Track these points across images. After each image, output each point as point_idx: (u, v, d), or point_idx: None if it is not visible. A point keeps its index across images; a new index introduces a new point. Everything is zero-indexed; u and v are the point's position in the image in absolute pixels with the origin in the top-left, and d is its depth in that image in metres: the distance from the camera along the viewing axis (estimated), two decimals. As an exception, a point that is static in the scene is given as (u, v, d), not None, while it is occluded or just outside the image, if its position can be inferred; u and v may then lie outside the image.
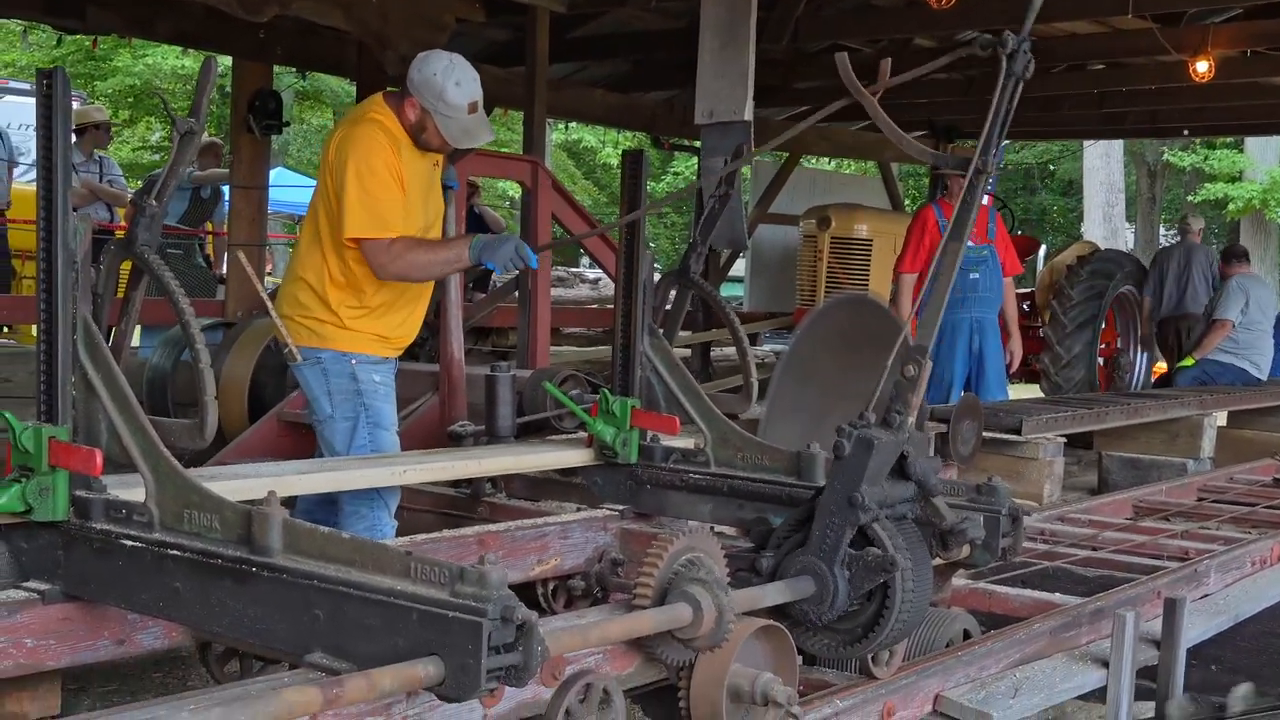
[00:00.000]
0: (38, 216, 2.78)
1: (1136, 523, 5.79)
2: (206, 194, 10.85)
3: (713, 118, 5.95)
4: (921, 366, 2.95)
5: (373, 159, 4.24)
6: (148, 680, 4.18)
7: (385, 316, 4.45)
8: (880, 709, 3.09)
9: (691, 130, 10.72)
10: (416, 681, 2.12)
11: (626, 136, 26.64)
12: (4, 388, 7.74)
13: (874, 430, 2.89)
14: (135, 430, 2.80)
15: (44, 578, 2.82)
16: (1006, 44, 3.08)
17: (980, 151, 3.10)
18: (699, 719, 2.68)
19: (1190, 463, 7.92)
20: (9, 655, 2.68)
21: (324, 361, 4.36)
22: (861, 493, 2.84)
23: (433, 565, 2.24)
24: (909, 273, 8.19)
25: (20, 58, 22.38)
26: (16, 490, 2.73)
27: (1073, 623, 3.80)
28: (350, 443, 4.37)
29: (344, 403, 4.37)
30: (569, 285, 14.49)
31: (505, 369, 4.78)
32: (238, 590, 2.49)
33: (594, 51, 10.96)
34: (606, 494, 4.12)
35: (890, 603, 2.89)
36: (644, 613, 2.60)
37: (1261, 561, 4.86)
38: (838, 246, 10.82)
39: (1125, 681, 3.40)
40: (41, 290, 2.78)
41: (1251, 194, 22.85)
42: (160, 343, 7.52)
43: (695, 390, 4.10)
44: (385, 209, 4.25)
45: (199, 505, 2.67)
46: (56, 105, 2.74)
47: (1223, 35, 9.29)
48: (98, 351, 2.83)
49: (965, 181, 3.13)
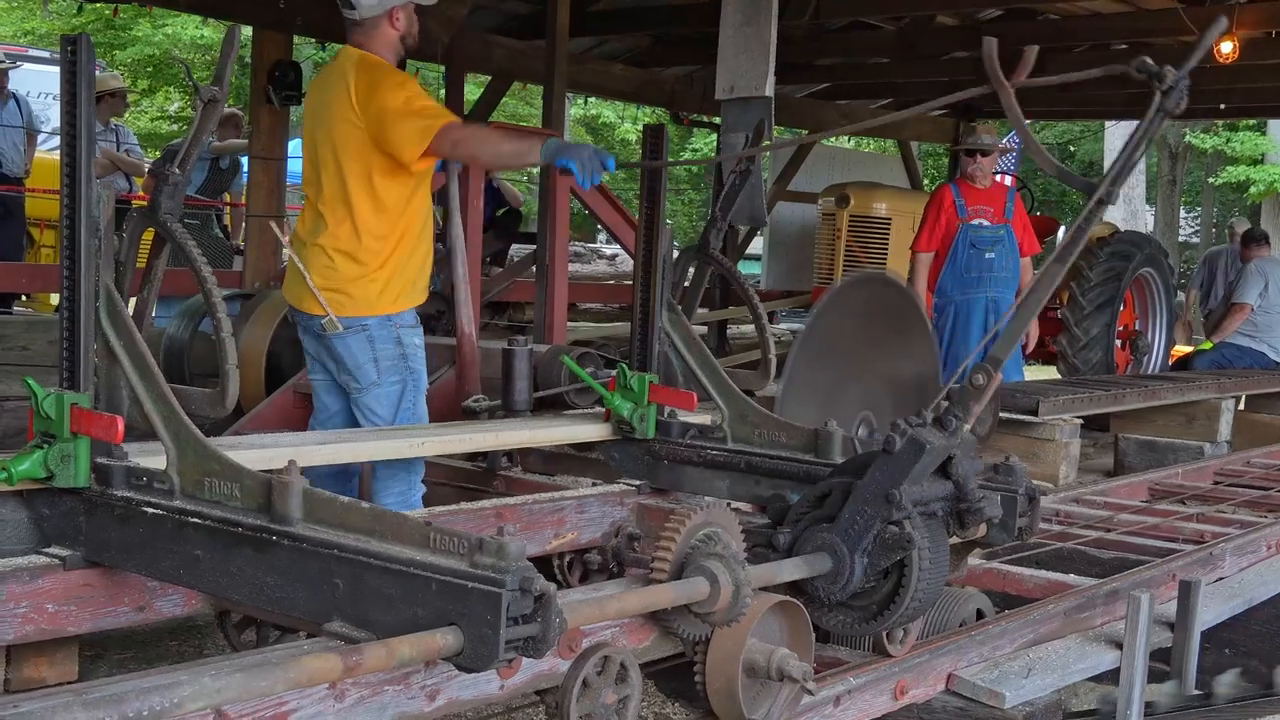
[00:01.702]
0: (61, 184, 2.77)
1: (1152, 505, 5.77)
2: (225, 165, 10.86)
3: (733, 93, 5.94)
4: (992, 377, 2.92)
5: (391, 75, 4.35)
6: (164, 648, 4.20)
7: (414, 254, 4.49)
8: (893, 687, 3.09)
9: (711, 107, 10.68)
10: (435, 651, 2.13)
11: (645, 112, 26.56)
12: (21, 355, 7.76)
13: (928, 432, 2.87)
14: (157, 398, 2.81)
15: (65, 544, 2.83)
16: (1165, 79, 2.98)
17: (1110, 180, 3.02)
18: (714, 693, 2.69)
19: (1207, 446, 7.89)
20: (31, 620, 2.71)
21: (370, 329, 4.38)
22: (900, 492, 2.84)
23: (452, 536, 2.25)
24: (925, 251, 8.16)
25: (40, 25, 22.40)
26: (39, 456, 2.75)
27: (1087, 604, 3.80)
28: (398, 408, 4.42)
29: (391, 369, 4.43)
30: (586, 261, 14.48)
31: (522, 343, 4.79)
32: (258, 559, 2.50)
33: (614, 26, 10.92)
34: (623, 469, 4.13)
35: (906, 581, 2.88)
36: (661, 586, 2.60)
37: (1277, 545, 4.85)
38: (856, 225, 10.78)
39: (1139, 663, 3.40)
40: (65, 258, 2.78)
41: (1274, 177, 22.73)
42: (178, 313, 7.53)
43: (713, 366, 4.10)
44: (432, 105, 4.36)
45: (220, 474, 2.68)
46: (81, 72, 2.75)
47: (1248, 16, 9.22)
48: (120, 319, 2.83)
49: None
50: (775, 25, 5.84)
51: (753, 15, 5.84)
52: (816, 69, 12.29)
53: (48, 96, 13.25)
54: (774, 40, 5.84)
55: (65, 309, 2.79)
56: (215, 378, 6.95)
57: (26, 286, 10.09)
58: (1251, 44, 9.60)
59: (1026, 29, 10.66)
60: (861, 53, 11.80)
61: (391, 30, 4.44)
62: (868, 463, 2.95)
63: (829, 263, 10.81)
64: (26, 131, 10.25)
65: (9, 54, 10.87)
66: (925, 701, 3.21)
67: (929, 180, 19.59)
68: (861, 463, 3.00)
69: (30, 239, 11.20)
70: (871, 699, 3.06)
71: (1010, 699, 3.20)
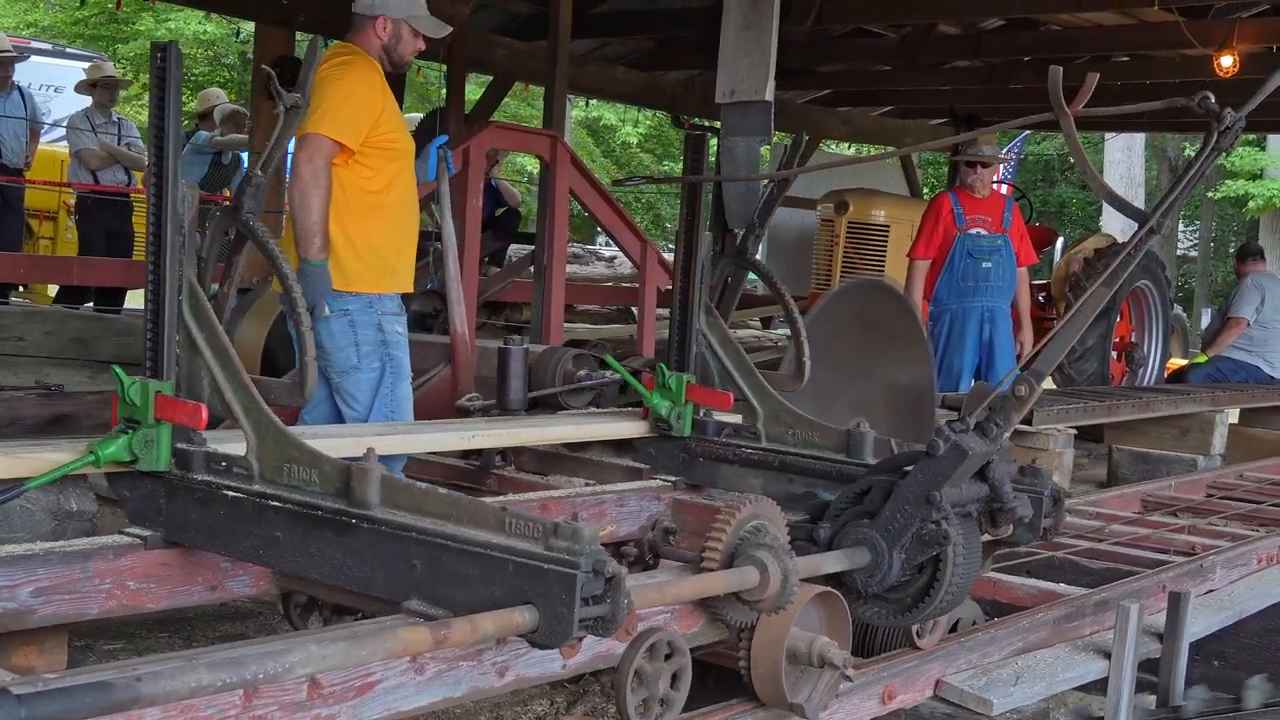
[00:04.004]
0: (147, 183, 2.89)
1: (1144, 517, 5.79)
2: (227, 160, 10.86)
3: (733, 97, 5.94)
4: (1034, 389, 3.04)
5: (351, 74, 4.37)
6: (154, 640, 4.20)
7: (391, 238, 4.51)
8: (881, 691, 3.10)
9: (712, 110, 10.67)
10: (514, 628, 2.25)
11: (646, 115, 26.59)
12: (17, 346, 7.76)
13: (970, 438, 3.00)
14: (238, 387, 2.93)
15: (145, 524, 2.97)
16: (1224, 119, 3.09)
17: (1159, 211, 3.15)
18: (759, 678, 2.80)
19: (1200, 459, 7.90)
20: (114, 596, 2.86)
21: (351, 313, 4.41)
22: (941, 494, 2.98)
23: (527, 520, 2.37)
24: (922, 259, 8.17)
25: (43, 18, 22.40)
26: (124, 441, 2.88)
27: (1076, 613, 3.81)
28: (375, 394, 4.44)
29: (371, 354, 4.45)
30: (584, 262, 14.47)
31: (517, 343, 4.79)
32: (337, 540, 2.62)
33: (617, 28, 10.93)
34: (660, 465, 4.25)
35: (941, 575, 3.03)
36: (714, 574, 2.72)
37: (1268, 559, 4.86)
38: (854, 231, 10.78)
39: (1127, 673, 3.41)
40: (151, 254, 2.90)
41: (1272, 192, 22.73)
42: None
43: (749, 367, 4.21)
44: (354, 120, 4.34)
45: (299, 460, 2.80)
46: (169, 78, 2.85)
47: (1248, 30, 9.23)
48: (201, 312, 2.95)
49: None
50: (776, 30, 5.84)
51: (754, 20, 5.84)
52: (818, 75, 12.30)
53: (50, 89, 13.25)
54: (775, 45, 5.84)
55: (150, 302, 2.91)
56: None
57: (25, 277, 10.09)
58: (1252, 58, 9.60)
59: (1028, 39, 10.68)
60: (863, 60, 11.81)
61: (374, 37, 4.51)
62: (905, 462, 3.11)
63: (827, 269, 10.80)
64: (29, 124, 10.25)
65: (16, 46, 10.88)
66: (913, 707, 3.23)
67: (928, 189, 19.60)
68: (899, 462, 3.15)
69: (29, 230, 11.20)
70: (859, 703, 3.07)
71: (998, 706, 3.21)
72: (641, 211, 29.43)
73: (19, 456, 2.91)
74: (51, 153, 11.92)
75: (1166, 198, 3.18)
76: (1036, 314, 9.80)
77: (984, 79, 11.78)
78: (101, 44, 21.35)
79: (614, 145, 29.41)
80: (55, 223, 12.29)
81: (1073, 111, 3.21)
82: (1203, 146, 3.13)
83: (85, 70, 11.19)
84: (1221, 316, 10.86)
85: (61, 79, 13.18)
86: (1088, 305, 3.16)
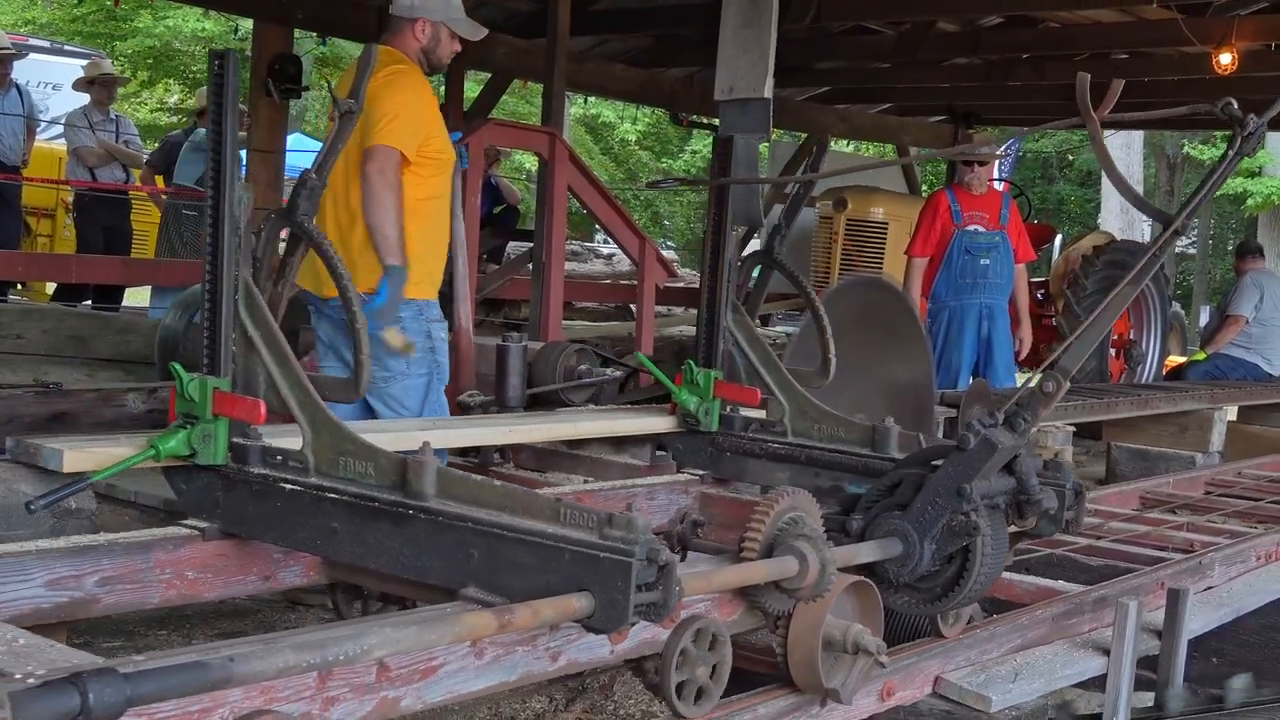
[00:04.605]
0: (207, 186, 2.94)
1: (1143, 514, 5.78)
2: (225, 156, 10.86)
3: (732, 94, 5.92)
4: (1060, 385, 3.15)
5: (408, 86, 4.42)
6: (154, 637, 4.20)
7: (434, 247, 4.59)
8: (880, 688, 3.10)
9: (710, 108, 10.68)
10: (572, 613, 2.34)
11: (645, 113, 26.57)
12: (15, 345, 7.75)
13: (999, 433, 3.11)
14: (294, 384, 3.00)
15: (202, 516, 3.05)
16: (1247, 125, 3.19)
17: (1184, 213, 3.26)
18: (795, 664, 2.88)
19: (1199, 456, 7.90)
20: (174, 586, 2.96)
21: (404, 320, 4.42)
22: (972, 487, 3.07)
23: (581, 511, 2.46)
24: (920, 256, 8.18)
25: (41, 15, 22.38)
26: (183, 436, 2.97)
27: (1075, 610, 3.81)
28: (424, 400, 4.49)
29: (420, 360, 4.49)
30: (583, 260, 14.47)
31: (516, 340, 4.79)
32: (394, 530, 2.71)
33: (615, 25, 10.92)
34: (687, 460, 4.34)
35: (970, 565, 3.11)
36: (756, 563, 2.79)
37: (1266, 556, 4.86)
38: (853, 229, 10.79)
39: (1126, 670, 3.41)
40: (208, 254, 2.96)
41: (1271, 189, 22.73)
42: (173, 304, 7.52)
43: (775, 364, 4.28)
44: (413, 132, 4.41)
45: (354, 453, 2.88)
46: (228, 84, 2.92)
47: (1247, 28, 9.23)
48: (257, 311, 3.02)
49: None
50: (775, 27, 5.83)
51: (753, 17, 5.83)
52: (817, 72, 12.29)
53: (47, 86, 13.24)
54: (774, 42, 5.83)
55: (207, 301, 2.98)
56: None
57: (23, 275, 10.08)
58: (1251, 56, 9.61)
59: (1026, 36, 10.67)
60: (862, 57, 11.81)
61: (413, 40, 4.54)
62: (934, 456, 3.22)
63: (825, 266, 10.81)
64: (26, 121, 10.24)
65: (15, 44, 10.87)
66: (912, 704, 3.22)
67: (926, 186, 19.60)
68: (928, 456, 3.25)
69: (26, 228, 11.19)
70: (858, 700, 3.06)
71: (997, 703, 3.21)
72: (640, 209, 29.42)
73: (84, 451, 3.02)
74: (49, 150, 11.91)
75: (1191, 200, 3.28)
76: (1035, 311, 9.81)
77: (983, 76, 11.78)
78: (99, 41, 21.33)
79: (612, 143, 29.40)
80: (53, 220, 12.29)
81: (1099, 116, 3.29)
82: (1226, 151, 3.23)
83: (83, 68, 11.19)
84: (1220, 314, 10.86)
85: (59, 76, 13.18)
86: (1113, 305, 3.27)
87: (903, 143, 14.47)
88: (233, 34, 20.51)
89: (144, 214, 11.63)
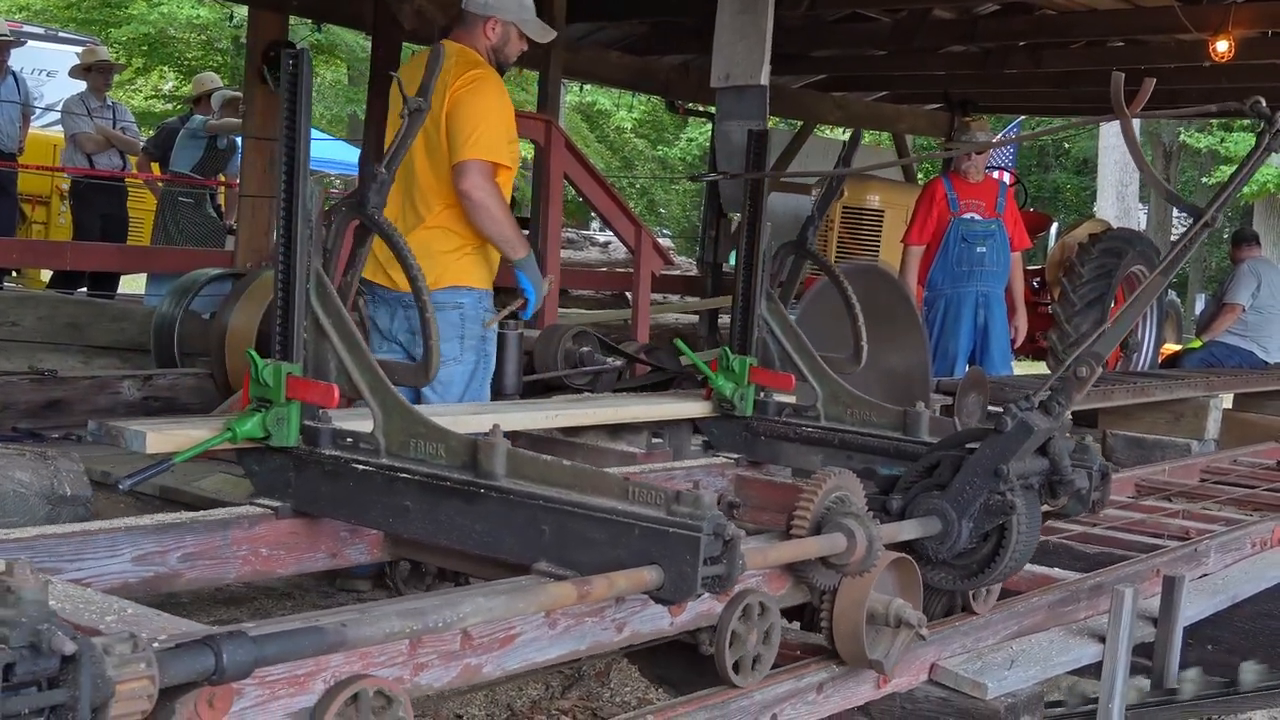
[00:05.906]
0: (278, 179, 3.02)
1: (1138, 501, 5.79)
2: (223, 144, 10.83)
3: (729, 81, 5.94)
4: (1094, 370, 3.27)
5: (492, 94, 4.52)
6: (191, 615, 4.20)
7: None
8: (876, 675, 3.11)
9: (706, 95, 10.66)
10: (643, 585, 2.46)
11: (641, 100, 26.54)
12: (10, 331, 7.75)
13: (1035, 415, 3.23)
14: (364, 369, 3.11)
15: (274, 496, 3.18)
16: (1276, 122, 3.32)
17: (1213, 207, 3.38)
18: (840, 637, 3.02)
19: (1194, 444, 7.90)
20: (249, 562, 3.10)
21: (464, 307, 4.53)
22: (1009, 468, 3.20)
23: (648, 489, 2.58)
24: (915, 244, 8.17)
25: (36, 2, 22.31)
26: (258, 419, 3.09)
27: (1071, 597, 3.82)
28: (468, 386, 4.57)
29: (471, 347, 4.57)
30: (579, 247, 14.48)
31: (513, 327, 4.80)
32: (466, 509, 2.83)
33: (611, 12, 10.88)
34: (722, 444, 4.45)
35: (1006, 543, 3.25)
36: (808, 539, 2.91)
37: (1261, 543, 4.87)
38: (849, 216, 10.78)
39: (1121, 657, 3.42)
40: (280, 245, 3.07)
41: (1266, 178, 22.74)
42: (168, 292, 7.52)
43: (808, 351, 4.37)
44: (507, 138, 4.54)
45: (425, 435, 2.99)
46: (300, 81, 3.01)
47: (1244, 15, 9.21)
48: (328, 299, 3.12)
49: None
50: (772, 14, 5.84)
51: (749, 4, 5.84)
52: (813, 60, 12.26)
53: (41, 73, 13.21)
54: (770, 29, 5.83)
55: (280, 290, 3.07)
56: (204, 356, 6.95)
57: (18, 261, 10.08)
58: (1247, 43, 9.59)
59: (1023, 23, 10.65)
60: (858, 44, 11.77)
61: (483, 37, 4.62)
62: (969, 438, 3.36)
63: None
64: (22, 108, 10.22)
65: (13, 31, 10.83)
66: (908, 691, 3.23)
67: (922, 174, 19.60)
68: (964, 438, 3.39)
69: (22, 215, 11.17)
70: (854, 686, 3.08)
71: (992, 690, 3.22)
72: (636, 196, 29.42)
73: (164, 433, 3.11)
74: (44, 137, 11.89)
75: (1220, 195, 3.39)
76: (1031, 299, 9.81)
77: (979, 64, 11.75)
78: (94, 28, 21.28)
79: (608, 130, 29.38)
80: (48, 207, 12.27)
81: (1132, 113, 3.40)
82: (1254, 148, 3.37)
83: (78, 55, 11.16)
84: (1217, 301, 10.87)
85: (54, 63, 13.15)
86: (1145, 294, 3.42)
87: (899, 130, 14.45)
88: (227, 21, 20.48)
89: (140, 201, 11.61)
